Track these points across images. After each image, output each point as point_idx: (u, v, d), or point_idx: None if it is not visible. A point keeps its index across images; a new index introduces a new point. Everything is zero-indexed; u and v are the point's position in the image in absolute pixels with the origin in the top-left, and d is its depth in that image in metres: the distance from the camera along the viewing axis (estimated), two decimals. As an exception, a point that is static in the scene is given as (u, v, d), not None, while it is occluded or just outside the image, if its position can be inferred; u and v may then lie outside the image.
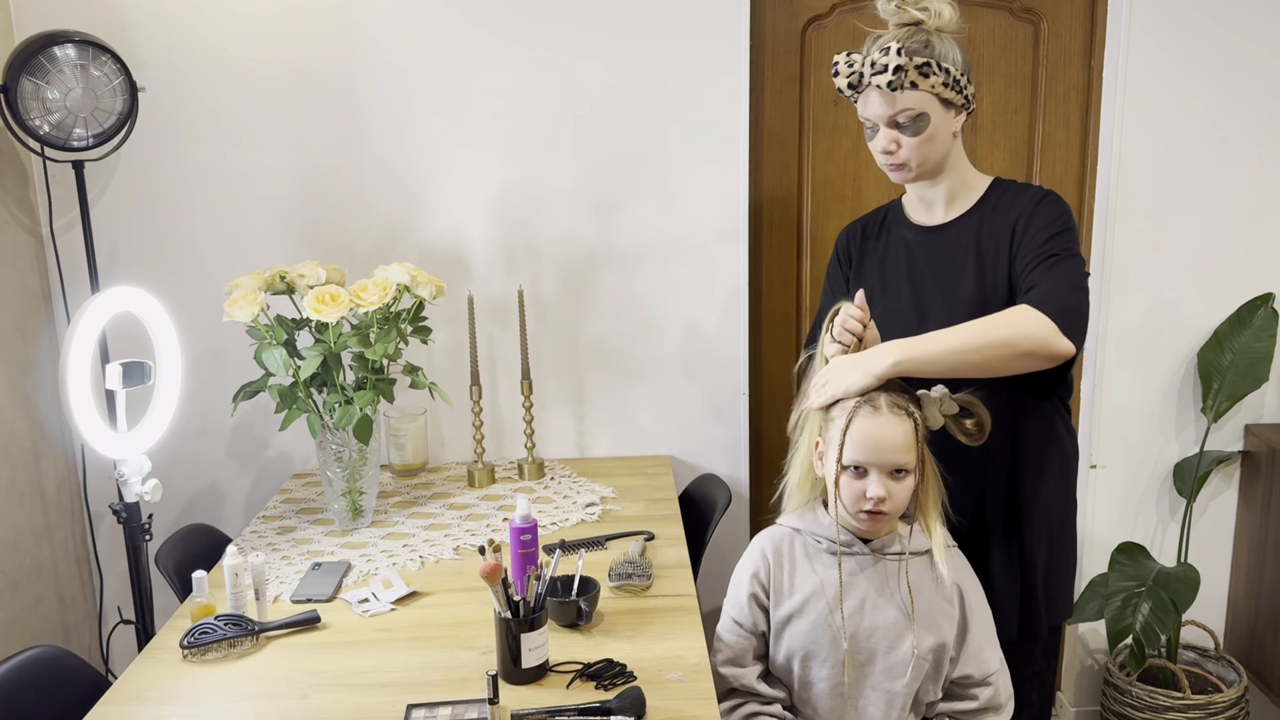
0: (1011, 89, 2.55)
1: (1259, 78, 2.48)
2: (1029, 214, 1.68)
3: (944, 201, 1.78)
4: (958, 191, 1.77)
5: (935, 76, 1.63)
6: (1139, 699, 2.53)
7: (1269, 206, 2.54)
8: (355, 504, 2.19)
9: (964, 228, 1.75)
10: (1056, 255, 1.63)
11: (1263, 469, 2.59)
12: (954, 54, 1.66)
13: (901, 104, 1.65)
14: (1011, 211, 1.71)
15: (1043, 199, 1.70)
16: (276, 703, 1.55)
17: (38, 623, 2.40)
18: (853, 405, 1.55)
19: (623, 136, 2.49)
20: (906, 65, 1.61)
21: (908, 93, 1.64)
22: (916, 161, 1.70)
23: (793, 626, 1.62)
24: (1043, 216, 1.67)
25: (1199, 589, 2.45)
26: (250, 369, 2.44)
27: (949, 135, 1.70)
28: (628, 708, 1.46)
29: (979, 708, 1.63)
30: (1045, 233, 1.65)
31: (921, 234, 1.81)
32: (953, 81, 1.65)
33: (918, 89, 1.63)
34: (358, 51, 2.42)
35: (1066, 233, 1.66)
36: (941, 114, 1.67)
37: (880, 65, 1.63)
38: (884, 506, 1.54)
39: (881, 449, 1.53)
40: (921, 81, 1.63)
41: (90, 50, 2.18)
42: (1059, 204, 1.70)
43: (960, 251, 1.74)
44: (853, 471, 1.55)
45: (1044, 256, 1.63)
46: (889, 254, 1.85)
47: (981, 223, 1.73)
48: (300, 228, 2.51)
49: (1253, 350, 2.53)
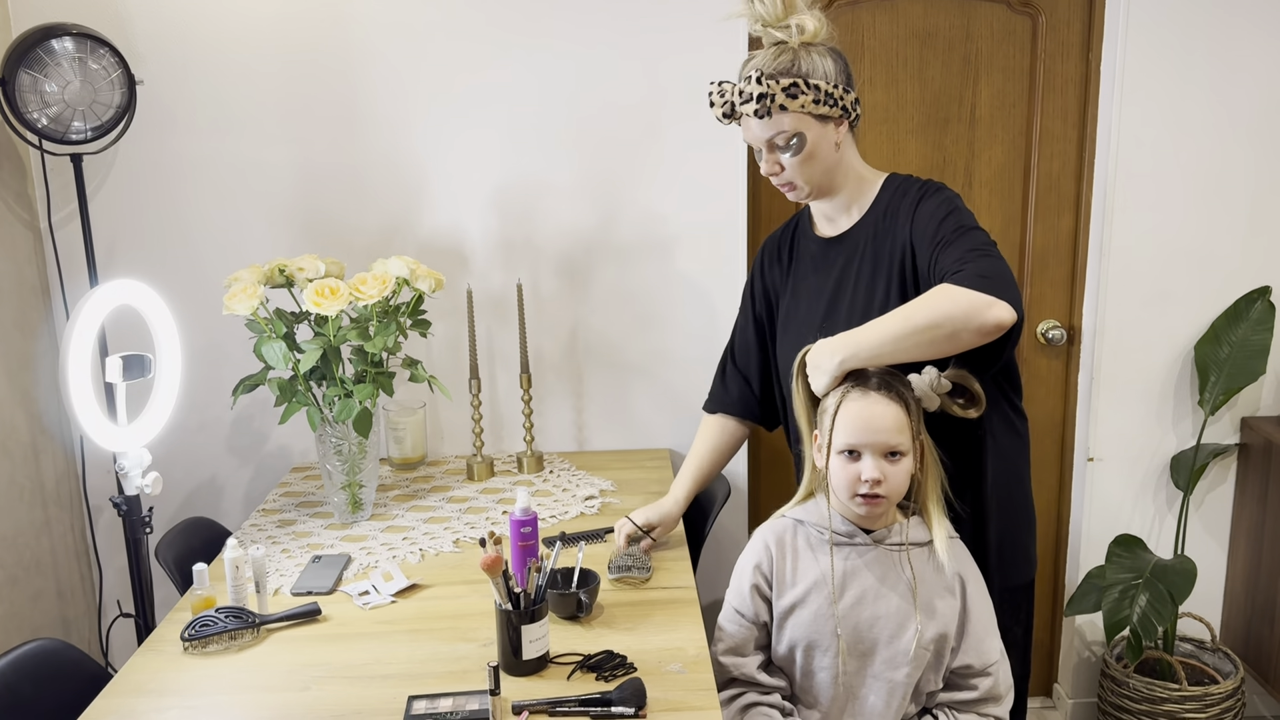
0: (1009, 82, 2.55)
1: (1256, 71, 2.48)
2: (913, 213, 1.69)
3: (843, 211, 1.79)
4: (854, 198, 1.78)
5: (804, 95, 1.63)
6: (1136, 690, 2.54)
7: (1267, 200, 2.55)
8: (355, 497, 2.19)
9: (860, 235, 1.76)
10: (950, 236, 1.62)
11: (1259, 462, 2.60)
12: (824, 67, 1.66)
13: (775, 128, 1.65)
14: (899, 214, 1.71)
15: (921, 197, 1.70)
16: (278, 695, 1.55)
17: (37, 616, 2.40)
18: (842, 390, 1.57)
19: (621, 130, 2.49)
20: (771, 90, 1.61)
21: (778, 116, 1.64)
22: (803, 180, 1.71)
23: (795, 617, 1.63)
24: (926, 209, 1.67)
25: (1196, 581, 2.46)
26: (249, 362, 2.45)
27: (831, 149, 1.70)
28: (628, 699, 1.46)
29: (979, 697, 1.64)
30: (933, 223, 1.65)
31: (824, 246, 1.82)
32: (824, 96, 1.65)
33: (788, 111, 1.63)
34: (357, 45, 2.42)
35: (954, 213, 1.65)
36: (819, 130, 1.67)
37: (746, 94, 1.63)
38: (879, 489, 1.54)
39: (873, 429, 1.53)
40: (790, 103, 1.63)
41: (88, 43, 2.18)
42: (940, 192, 1.70)
43: (857, 257, 1.75)
44: (847, 455, 1.56)
45: (940, 243, 1.62)
46: (798, 269, 1.86)
47: (876, 227, 1.74)
48: (299, 221, 2.51)
49: (1250, 343, 2.54)
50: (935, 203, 1.68)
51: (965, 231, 1.62)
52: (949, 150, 2.59)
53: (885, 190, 1.77)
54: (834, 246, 1.80)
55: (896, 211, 1.72)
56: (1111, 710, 2.61)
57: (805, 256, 1.86)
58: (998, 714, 1.65)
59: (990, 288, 1.49)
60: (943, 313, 1.51)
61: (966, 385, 1.61)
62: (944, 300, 1.52)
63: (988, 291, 1.48)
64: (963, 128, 2.58)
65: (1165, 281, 2.59)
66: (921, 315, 1.53)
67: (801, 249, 1.87)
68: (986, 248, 1.58)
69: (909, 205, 1.71)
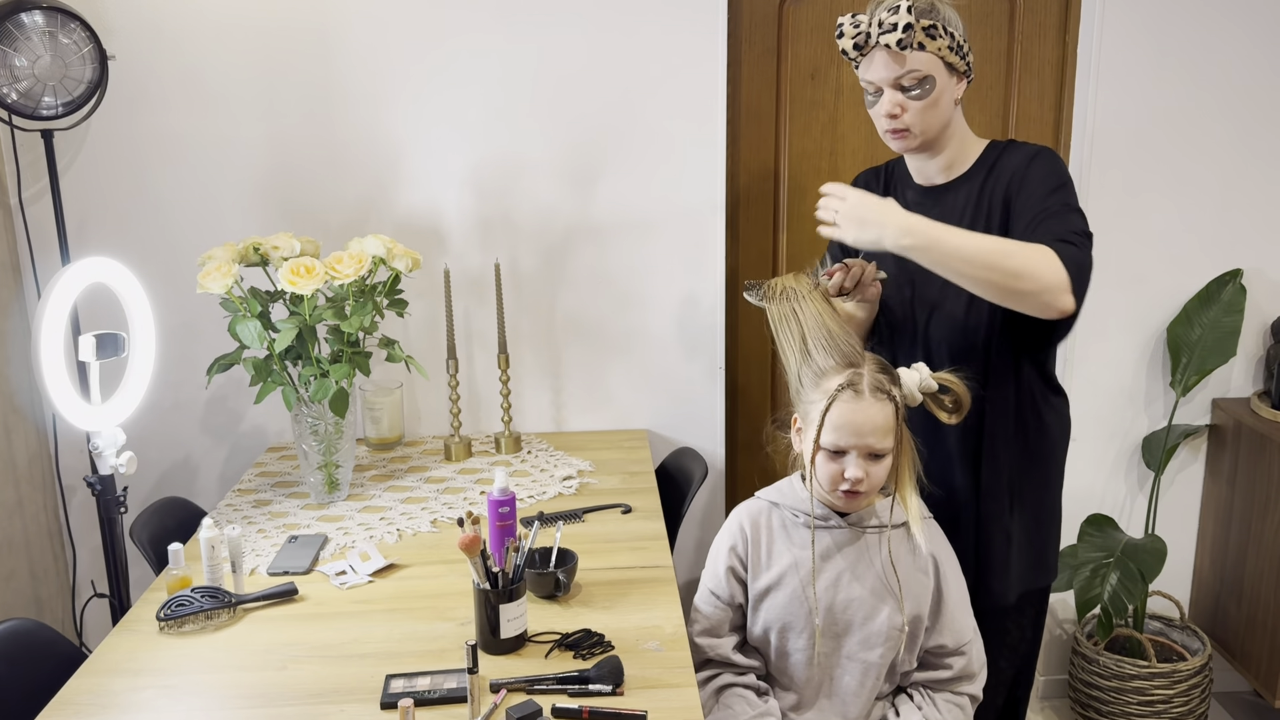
0: (987, 64, 2.56)
1: (1231, 54, 2.50)
2: (1024, 173, 1.68)
3: (942, 170, 1.78)
4: (955, 158, 1.76)
5: (942, 39, 1.61)
6: (1106, 668, 2.57)
7: (1239, 183, 2.57)
8: (331, 477, 2.18)
9: (962, 190, 1.75)
10: (1057, 209, 1.62)
11: (1229, 442, 2.64)
12: (956, 19, 1.65)
13: (909, 65, 1.62)
14: (1006, 171, 1.71)
15: (1036, 155, 1.69)
16: (255, 674, 1.55)
17: (9, 597, 2.39)
18: (835, 388, 1.54)
19: (600, 110, 2.48)
20: (915, 25, 1.59)
21: (915, 54, 1.61)
22: (920, 128, 1.68)
23: (770, 599, 1.64)
24: (1038, 172, 1.67)
25: (1166, 560, 2.49)
26: (224, 341, 2.43)
27: (951, 102, 1.68)
28: (605, 676, 1.47)
29: (952, 676, 1.66)
30: (1043, 188, 1.65)
31: (921, 194, 1.80)
32: (957, 46, 1.64)
33: (925, 50, 1.61)
34: (332, 20, 2.39)
35: (1064, 187, 1.65)
36: (946, 79, 1.65)
37: (889, 24, 1.60)
38: (860, 487, 1.55)
39: (862, 433, 1.53)
40: (929, 43, 1.61)
41: (59, 17, 2.15)
42: (1053, 159, 1.69)
43: (958, 213, 1.74)
44: (830, 452, 1.57)
45: (1047, 213, 1.62)
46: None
47: (979, 184, 1.73)
48: (274, 199, 2.48)
49: (1221, 325, 2.57)
50: (1049, 168, 1.67)
51: (1072, 211, 1.63)
52: (927, 132, 2.59)
53: (990, 152, 1.76)
54: (931, 195, 1.78)
55: (1002, 168, 1.71)
56: (1081, 687, 2.65)
57: (901, 199, 1.81)
58: (971, 692, 1.67)
59: (1076, 283, 1.54)
60: (1035, 270, 1.52)
61: (952, 388, 1.62)
62: (1042, 262, 1.52)
63: (1074, 284, 1.53)
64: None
65: (1138, 264, 2.61)
66: (1016, 260, 1.52)
67: (897, 193, 1.84)
68: (1086, 238, 1.61)
69: (1020, 161, 1.70)
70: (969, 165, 1.76)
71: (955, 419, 1.63)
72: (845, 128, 2.58)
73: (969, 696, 1.67)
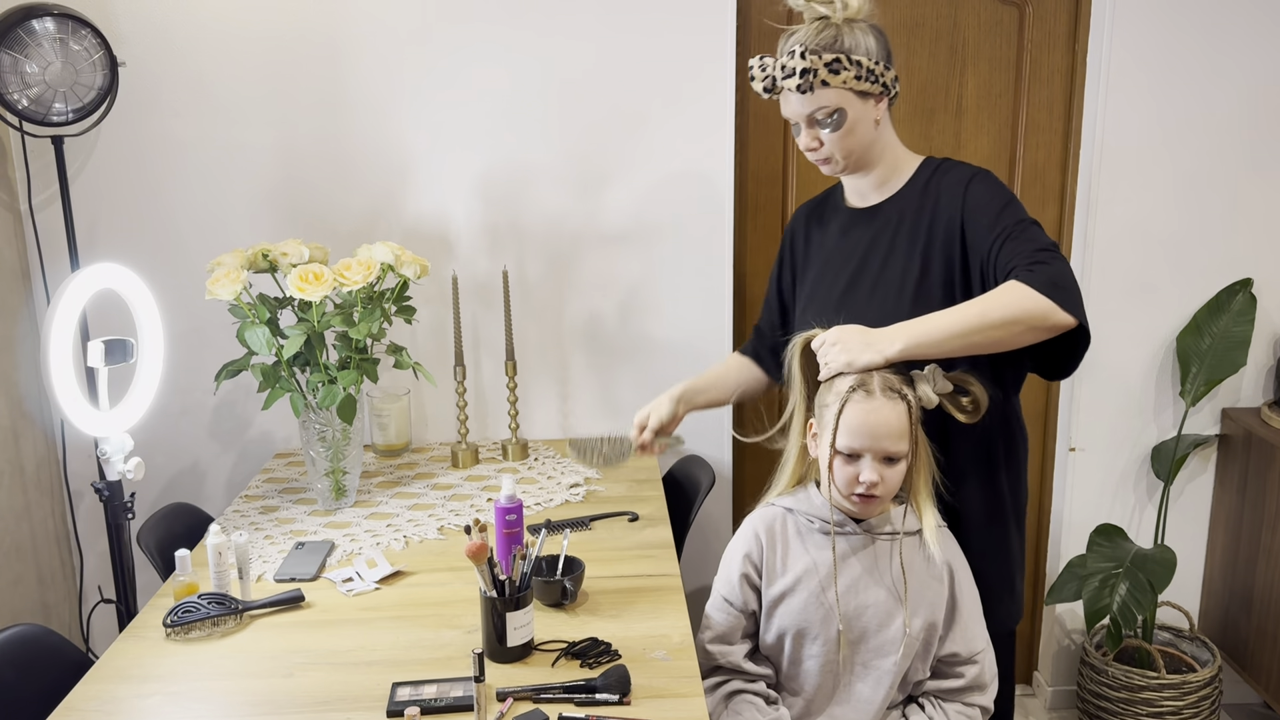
0: (996, 73, 2.56)
1: (1241, 63, 2.49)
2: (965, 199, 1.68)
3: (876, 187, 1.79)
4: (888, 175, 1.77)
5: (847, 71, 1.63)
6: (1115, 678, 2.56)
7: (1249, 192, 2.57)
8: (338, 484, 2.18)
9: (893, 210, 1.76)
10: (1013, 229, 1.62)
11: (1239, 452, 2.62)
12: (866, 43, 1.65)
13: (816, 103, 1.65)
14: (943, 194, 1.71)
15: (973, 178, 1.70)
16: (261, 681, 1.55)
17: (16, 602, 2.39)
18: (847, 389, 1.55)
19: (608, 116, 2.48)
20: (814, 65, 1.61)
21: (820, 91, 1.64)
22: (842, 154, 1.71)
23: (785, 605, 1.63)
24: (980, 197, 1.67)
25: (1175, 570, 2.48)
26: (232, 347, 2.43)
27: (870, 125, 1.70)
28: (612, 685, 1.46)
29: (964, 686, 1.65)
30: (991, 210, 1.65)
31: (852, 216, 1.81)
32: (866, 73, 1.64)
33: (830, 86, 1.63)
34: (342, 27, 2.40)
35: (1011, 204, 1.66)
36: (859, 106, 1.67)
37: (789, 69, 1.63)
38: (876, 491, 1.55)
39: (876, 435, 1.53)
40: (833, 79, 1.62)
41: (70, 24, 2.15)
42: (990, 178, 1.70)
43: (889, 231, 1.74)
44: (846, 456, 1.56)
45: (1004, 235, 1.62)
46: (827, 239, 1.86)
47: (912, 204, 1.74)
48: (283, 205, 2.49)
49: (1231, 335, 2.56)
50: (989, 188, 1.68)
51: (1027, 226, 1.63)
52: (935, 140, 2.59)
53: (924, 169, 1.76)
54: (863, 217, 1.79)
55: (939, 190, 1.72)
56: (1090, 698, 2.64)
57: (833, 225, 1.84)
58: (982, 703, 1.66)
59: (1062, 299, 1.53)
60: (1017, 311, 1.53)
61: (968, 387, 1.61)
62: (1018, 299, 1.54)
63: (1058, 301, 1.53)
64: (949, 118, 2.58)
65: (1148, 273, 2.60)
66: (996, 312, 1.54)
67: (829, 218, 1.86)
68: (1052, 250, 1.60)
69: (956, 184, 1.70)
70: (902, 183, 1.77)
71: (973, 419, 1.62)
72: (854, 136, 2.58)
73: (980, 708, 1.66)
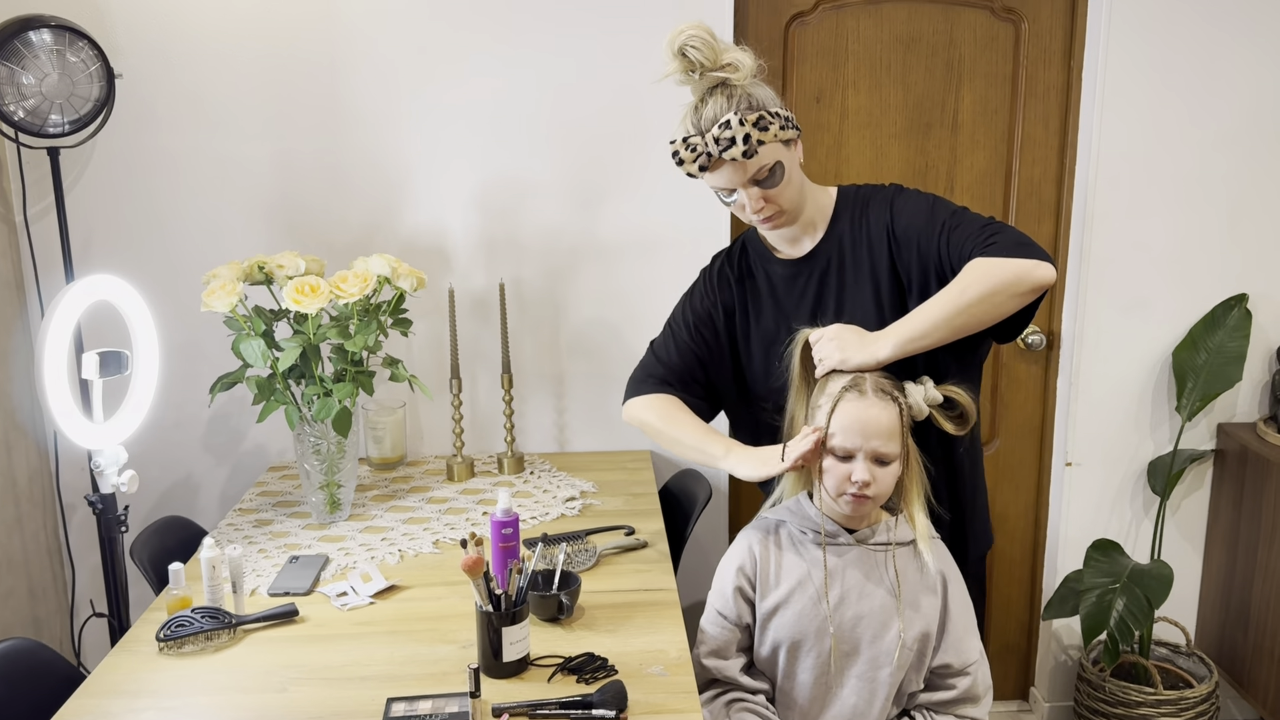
0: (992, 88, 2.57)
1: (1237, 79, 2.51)
2: (890, 217, 1.71)
3: (806, 230, 1.78)
4: (815, 214, 1.78)
5: (773, 124, 1.63)
6: (1111, 694, 2.55)
7: (1245, 207, 2.57)
8: (333, 497, 2.17)
9: (831, 248, 1.76)
10: (950, 220, 1.66)
11: (1235, 467, 2.62)
12: (768, 94, 1.67)
13: (758, 164, 1.64)
14: (872, 225, 1.73)
15: (892, 197, 1.73)
16: (255, 696, 1.54)
17: (8, 615, 2.37)
18: (840, 389, 1.57)
19: (605, 130, 2.48)
20: (749, 129, 1.61)
21: (760, 151, 1.64)
22: (789, 205, 1.71)
23: (779, 617, 1.63)
24: (906, 208, 1.71)
25: (1172, 586, 2.48)
26: (227, 360, 2.43)
27: (798, 170, 1.72)
28: (609, 701, 1.46)
29: (956, 697, 1.65)
30: (921, 216, 1.68)
31: (793, 267, 1.79)
32: (785, 121, 1.66)
33: (765, 144, 1.64)
34: (339, 40, 2.40)
35: (938, 202, 1.70)
36: (788, 154, 1.68)
37: (727, 140, 1.61)
38: (868, 491, 1.55)
39: (867, 433, 1.54)
40: (765, 135, 1.63)
41: (67, 35, 2.15)
42: (905, 190, 1.74)
43: (835, 271, 1.75)
44: (838, 457, 1.57)
45: (945, 229, 1.65)
46: (756, 293, 1.83)
47: (850, 236, 1.75)
48: (279, 218, 2.48)
49: (1226, 350, 2.56)
50: (910, 198, 1.72)
51: (961, 213, 1.67)
52: (931, 155, 2.60)
53: (843, 201, 1.78)
54: (805, 265, 1.78)
55: (865, 218, 1.74)
56: (1087, 714, 2.63)
57: (765, 280, 1.82)
58: (975, 715, 1.66)
59: (1029, 253, 1.57)
60: (996, 281, 1.56)
61: (958, 400, 1.63)
62: (993, 270, 1.56)
63: (1028, 256, 1.56)
64: (945, 133, 2.59)
65: (1144, 288, 2.61)
66: (973, 290, 1.57)
67: (759, 272, 1.83)
68: (996, 222, 1.64)
69: (880, 208, 1.73)
70: (828, 220, 1.77)
71: (962, 430, 1.64)
72: (850, 150, 2.59)
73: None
